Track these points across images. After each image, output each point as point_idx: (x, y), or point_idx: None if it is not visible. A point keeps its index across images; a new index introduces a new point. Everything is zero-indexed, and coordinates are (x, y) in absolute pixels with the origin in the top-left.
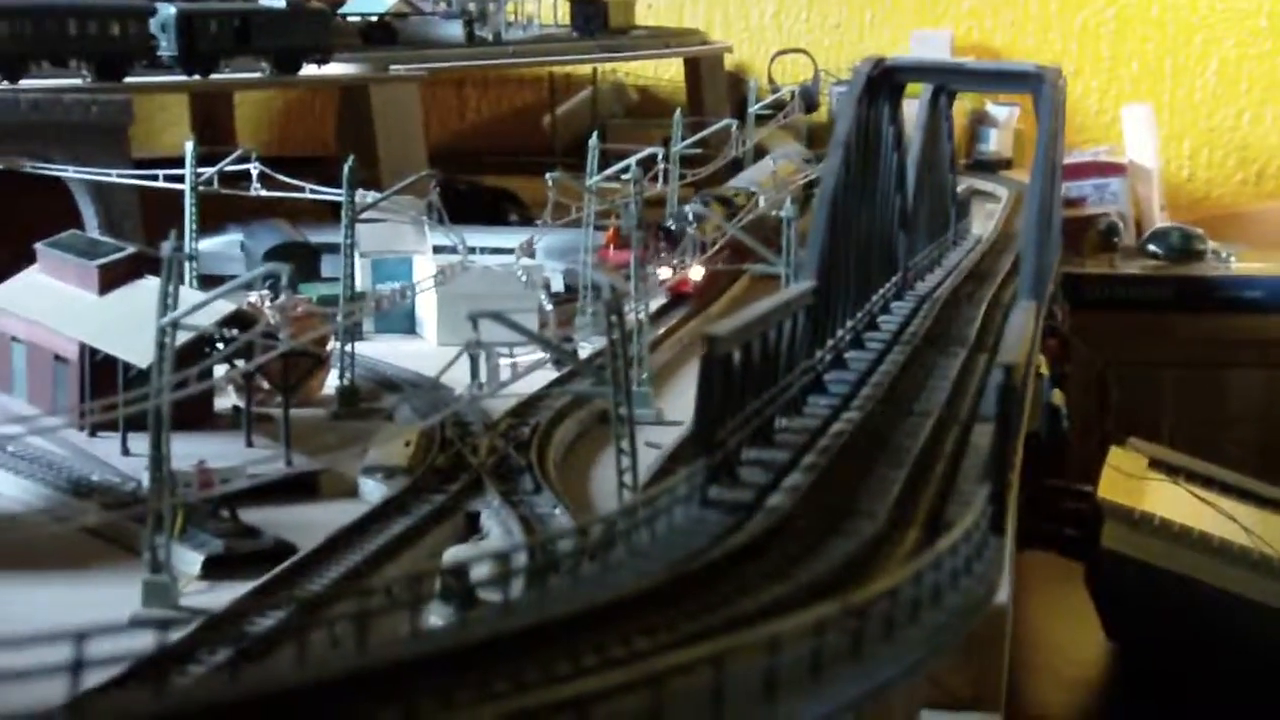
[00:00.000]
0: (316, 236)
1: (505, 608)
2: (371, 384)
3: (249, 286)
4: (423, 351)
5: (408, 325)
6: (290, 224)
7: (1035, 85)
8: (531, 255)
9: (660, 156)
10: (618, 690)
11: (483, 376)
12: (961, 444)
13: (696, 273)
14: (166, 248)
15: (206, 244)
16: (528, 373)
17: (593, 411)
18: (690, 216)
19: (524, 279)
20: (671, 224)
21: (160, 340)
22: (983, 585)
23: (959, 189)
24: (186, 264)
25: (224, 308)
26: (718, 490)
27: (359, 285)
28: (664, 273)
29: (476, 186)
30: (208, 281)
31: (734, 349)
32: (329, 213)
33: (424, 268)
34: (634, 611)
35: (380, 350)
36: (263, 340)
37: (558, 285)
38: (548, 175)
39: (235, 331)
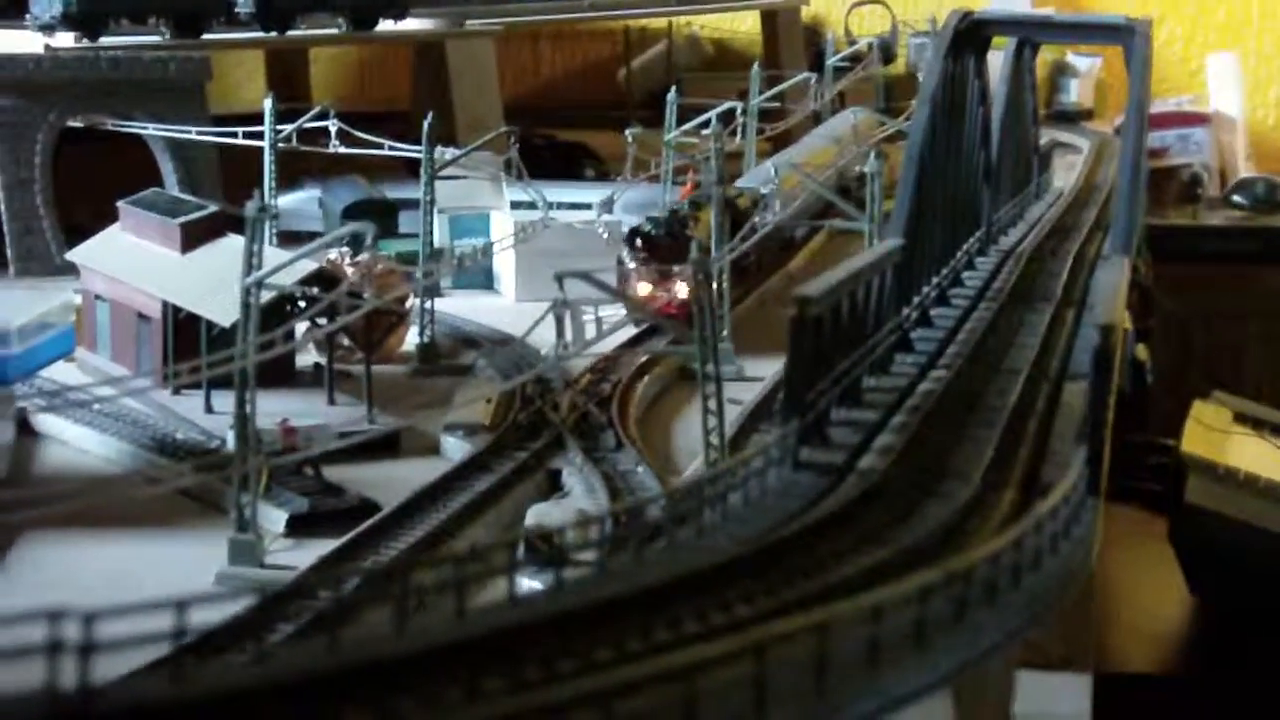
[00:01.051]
0: (393, 192)
1: (601, 574)
2: (451, 340)
3: (332, 245)
4: (501, 307)
5: (485, 281)
6: (367, 180)
7: (1126, 38)
8: (610, 211)
9: (739, 111)
10: (722, 659)
11: (568, 336)
12: (1053, 402)
13: (683, 290)
14: (250, 208)
15: (284, 200)
16: (612, 332)
17: (672, 368)
18: (773, 172)
19: (604, 235)
20: (651, 228)
21: (245, 300)
22: (1081, 549)
23: (1040, 141)
24: (267, 221)
25: (306, 266)
26: (809, 452)
27: (437, 241)
28: (642, 288)
29: (552, 141)
30: (286, 238)
31: (824, 310)
32: (404, 168)
33: (502, 224)
34: (732, 578)
35: (459, 306)
36: (346, 299)
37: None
38: (627, 131)
39: (317, 291)
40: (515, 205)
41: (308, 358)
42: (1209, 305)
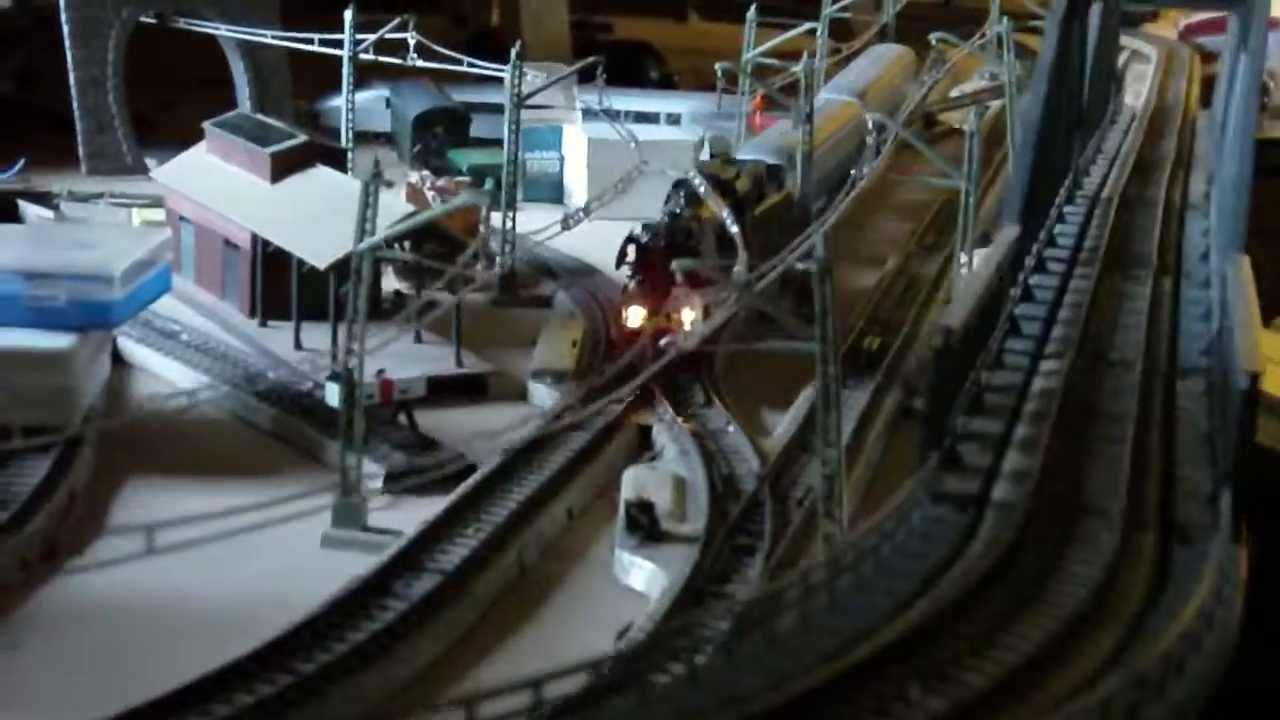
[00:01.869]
0: (461, 95)
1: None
2: (530, 270)
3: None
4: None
5: (555, 195)
6: (433, 83)
7: (1238, 3)
8: (676, 122)
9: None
10: None
11: (688, 326)
12: (1168, 405)
13: (688, 315)
14: (362, 172)
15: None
16: (726, 319)
17: (751, 324)
18: (870, 125)
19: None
20: (647, 237)
21: (357, 267)
22: (1223, 637)
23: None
24: (343, 120)
25: (399, 208)
26: (944, 478)
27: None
28: (634, 316)
29: (615, 42)
30: (355, 138)
31: (963, 333)
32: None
33: (574, 136)
34: (918, 646)
35: (529, 220)
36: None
37: (704, 153)
38: (718, 66)
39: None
40: (586, 115)
41: (388, 284)
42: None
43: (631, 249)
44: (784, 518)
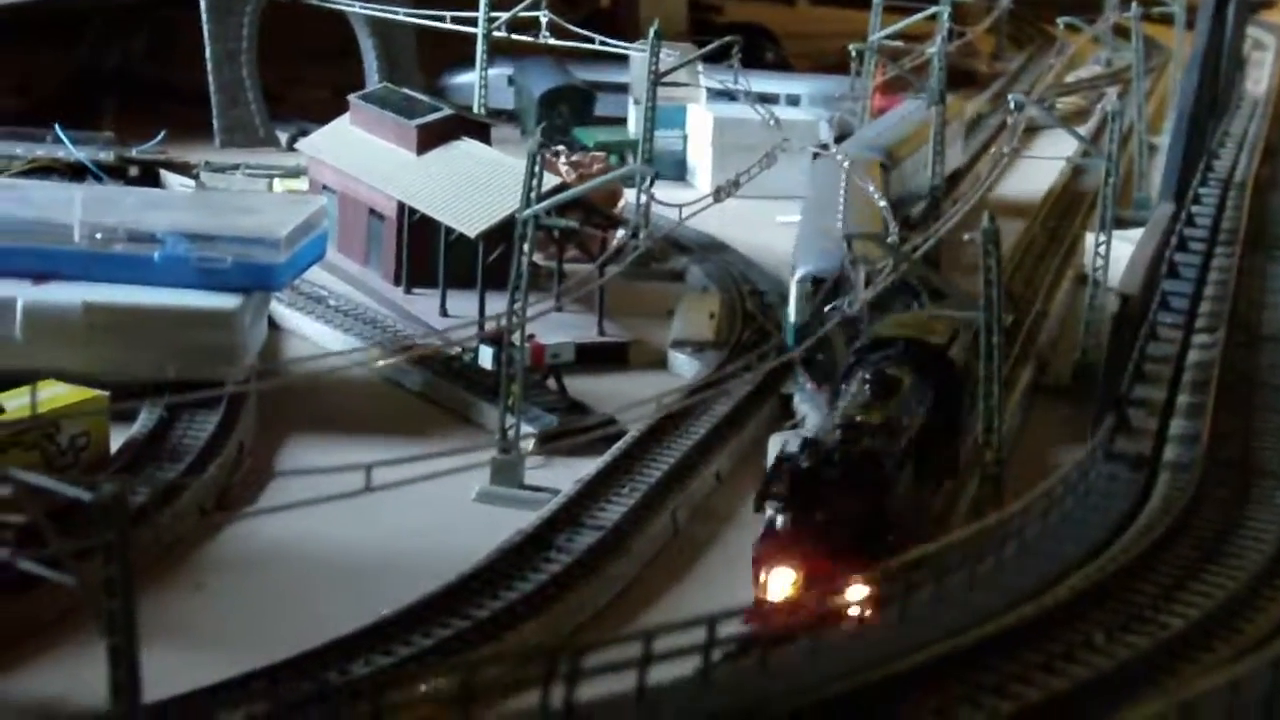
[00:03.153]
0: (584, 74)
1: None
2: (662, 244)
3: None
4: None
5: (679, 172)
6: (557, 61)
7: None
8: (795, 103)
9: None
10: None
11: (859, 292)
12: None
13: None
14: (531, 143)
15: (470, 77)
16: (884, 286)
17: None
18: (1011, 104)
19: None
20: (805, 456)
21: (521, 232)
22: None
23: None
24: (476, 96)
25: (546, 181)
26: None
27: (631, 132)
28: (779, 581)
29: (732, 24)
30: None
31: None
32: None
33: (699, 115)
34: (1095, 603)
35: (661, 198)
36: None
37: (824, 134)
38: (851, 47)
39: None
40: (711, 96)
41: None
42: None
43: (783, 474)
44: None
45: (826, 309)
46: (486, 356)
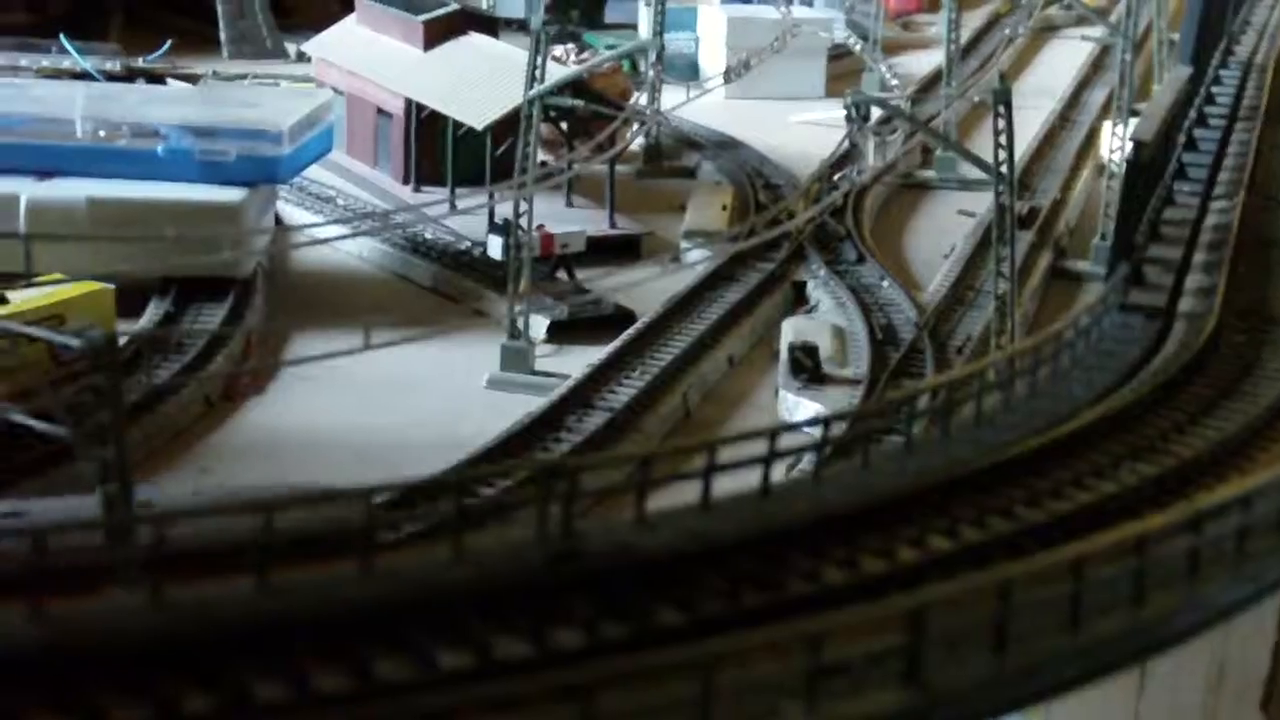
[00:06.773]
0: None
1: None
2: (674, 142)
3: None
4: (707, 104)
5: (691, 74)
6: None
7: None
8: (809, 3)
9: None
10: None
11: (869, 159)
12: None
13: None
14: (535, 21)
15: None
16: (901, 154)
17: (897, 176)
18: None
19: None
20: None
21: (527, 114)
22: None
23: None
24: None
25: (556, 70)
26: (1133, 293)
27: (643, 33)
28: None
29: None
30: None
31: (1152, 151)
32: None
33: (711, 16)
34: (1112, 428)
35: (671, 99)
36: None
37: (839, 33)
38: None
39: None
40: None
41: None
42: None
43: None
44: (945, 363)
45: (836, 177)
46: (495, 246)
